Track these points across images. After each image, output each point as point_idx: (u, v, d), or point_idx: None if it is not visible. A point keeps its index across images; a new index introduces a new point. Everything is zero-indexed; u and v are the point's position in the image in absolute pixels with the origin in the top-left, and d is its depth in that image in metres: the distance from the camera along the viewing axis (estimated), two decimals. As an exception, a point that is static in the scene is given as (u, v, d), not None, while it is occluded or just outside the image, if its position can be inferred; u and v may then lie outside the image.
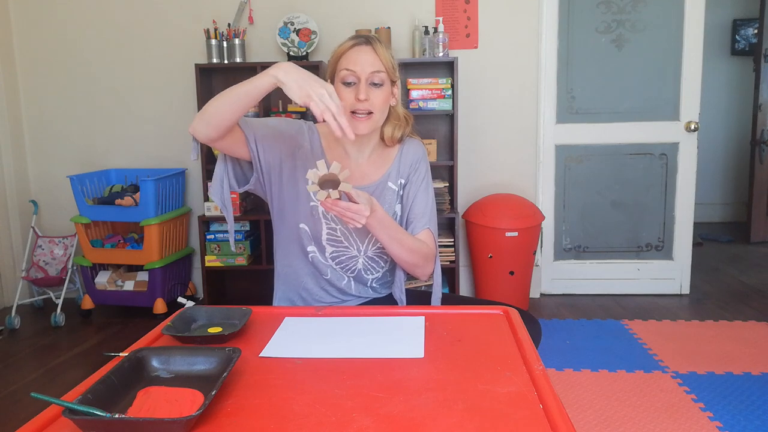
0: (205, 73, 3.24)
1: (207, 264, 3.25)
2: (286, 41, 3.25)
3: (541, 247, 3.50)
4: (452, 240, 3.18)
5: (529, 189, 3.44)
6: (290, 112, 3.18)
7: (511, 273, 3.16)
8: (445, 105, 3.13)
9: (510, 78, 3.36)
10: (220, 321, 1.27)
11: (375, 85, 1.43)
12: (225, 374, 0.93)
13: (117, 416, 0.83)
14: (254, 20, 3.37)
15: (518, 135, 3.41)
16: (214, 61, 3.23)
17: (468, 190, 3.44)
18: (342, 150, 1.53)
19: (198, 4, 3.38)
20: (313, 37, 3.24)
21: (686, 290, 3.50)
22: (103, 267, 3.38)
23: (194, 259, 3.62)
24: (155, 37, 3.43)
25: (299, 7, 3.32)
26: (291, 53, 3.25)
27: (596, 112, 3.40)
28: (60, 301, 3.24)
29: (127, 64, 3.47)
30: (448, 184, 3.23)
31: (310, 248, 1.53)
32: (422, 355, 1.10)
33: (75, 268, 3.42)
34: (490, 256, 3.16)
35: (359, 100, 1.40)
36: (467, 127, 3.39)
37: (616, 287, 3.52)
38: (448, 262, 3.18)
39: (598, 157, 3.44)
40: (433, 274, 1.57)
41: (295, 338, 1.21)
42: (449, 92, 3.13)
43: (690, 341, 2.77)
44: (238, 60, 3.23)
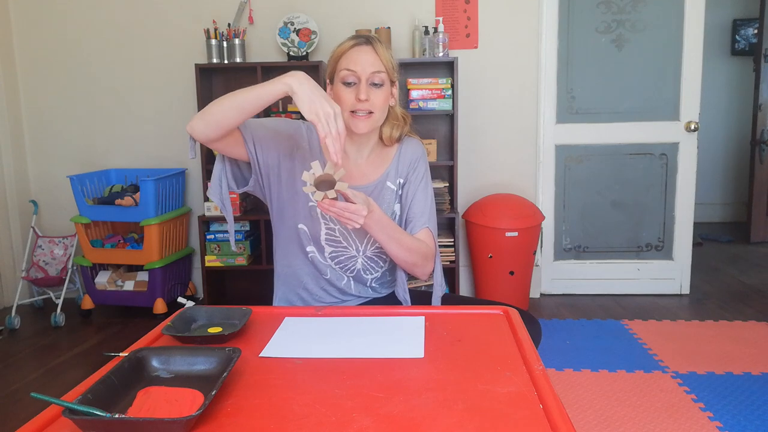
0: (205, 73, 3.24)
1: (207, 264, 3.25)
2: (286, 41, 3.25)
3: (541, 247, 3.50)
4: (452, 240, 3.18)
5: (529, 189, 3.44)
6: (290, 112, 3.18)
7: (511, 273, 3.16)
8: (445, 105, 3.13)
9: (510, 78, 3.37)
10: (220, 321, 1.27)
11: (375, 85, 1.43)
12: (225, 374, 0.93)
13: (117, 416, 0.83)
14: (254, 20, 3.37)
15: (518, 135, 3.41)
16: (214, 61, 3.23)
17: (468, 190, 3.45)
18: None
19: (198, 4, 3.38)
20: (313, 37, 3.24)
21: (686, 290, 3.50)
22: (103, 267, 3.38)
23: (194, 259, 3.62)
24: (155, 37, 3.43)
25: (299, 7, 3.32)
26: (291, 53, 3.25)
27: (596, 112, 3.40)
28: (60, 301, 3.24)
29: (127, 64, 3.47)
30: (448, 184, 3.23)
31: (309, 248, 1.53)
32: (422, 355, 1.10)
33: (75, 268, 3.42)
34: (490, 256, 3.16)
35: (360, 100, 1.40)
36: (467, 127, 3.39)
37: (616, 287, 3.52)
38: (448, 262, 3.18)
39: (598, 157, 3.44)
40: (433, 273, 1.57)
41: (295, 338, 1.21)
42: (449, 92, 3.13)
43: (690, 341, 2.77)
44: (238, 60, 3.23)
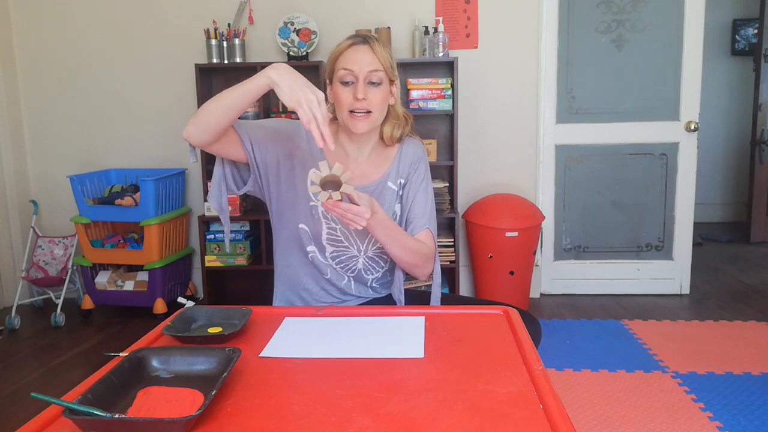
0: (205, 73, 3.24)
1: (207, 264, 3.25)
2: (286, 41, 3.25)
3: (541, 247, 3.50)
4: (452, 240, 3.18)
5: (529, 189, 3.44)
6: (290, 112, 3.18)
7: (511, 273, 3.16)
8: (445, 105, 3.13)
9: (510, 78, 3.36)
10: (220, 321, 1.27)
11: (373, 84, 1.43)
12: (225, 374, 0.93)
13: (117, 416, 0.83)
14: (254, 20, 3.37)
15: (518, 135, 3.41)
16: (214, 61, 3.23)
17: (468, 190, 3.44)
18: (341, 150, 1.53)
19: (198, 4, 3.38)
20: (313, 37, 3.24)
21: (686, 290, 3.49)
22: (103, 267, 3.38)
23: (194, 259, 3.62)
24: (155, 37, 3.43)
25: (299, 7, 3.32)
26: (291, 53, 3.25)
27: (596, 112, 3.40)
28: (60, 301, 3.24)
29: (127, 64, 3.47)
30: (448, 184, 3.23)
31: (309, 248, 1.53)
32: (422, 355, 1.10)
33: (75, 268, 3.42)
34: (490, 256, 3.16)
35: (357, 99, 1.40)
36: (467, 127, 3.39)
37: (616, 287, 3.52)
38: (448, 262, 3.18)
39: (598, 157, 3.44)
40: (432, 273, 1.57)
41: (295, 338, 1.21)
42: (449, 92, 3.13)
43: (690, 341, 2.77)
44: (238, 60, 3.23)
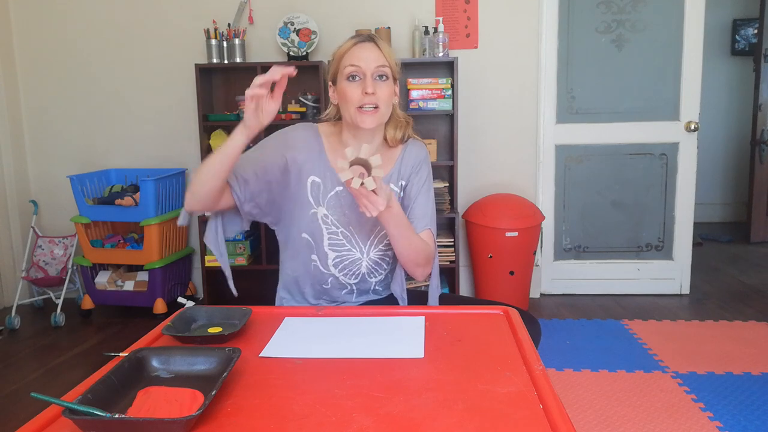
0: (205, 73, 3.24)
1: (207, 264, 3.25)
2: (286, 41, 3.24)
3: (541, 247, 3.50)
4: (452, 240, 3.18)
5: (529, 189, 3.44)
6: (290, 112, 3.18)
7: (511, 273, 3.16)
8: (445, 105, 3.13)
9: (510, 78, 3.36)
10: (220, 321, 1.27)
11: (380, 78, 1.43)
12: (225, 374, 0.93)
13: (117, 416, 0.83)
14: (254, 20, 3.36)
15: (518, 135, 3.41)
16: (214, 61, 3.22)
17: (468, 190, 3.44)
18: (343, 150, 1.52)
19: (198, 4, 3.38)
20: (313, 37, 3.23)
21: (686, 290, 3.49)
22: (103, 267, 3.38)
23: (194, 259, 3.62)
24: (155, 37, 3.43)
25: (299, 7, 3.32)
26: (291, 53, 3.25)
27: (596, 112, 3.40)
28: (60, 301, 3.24)
29: (127, 64, 3.47)
30: (448, 184, 3.23)
31: (312, 257, 1.54)
32: (422, 355, 1.10)
33: (75, 268, 3.42)
34: (490, 256, 3.16)
35: (367, 93, 1.40)
36: (467, 127, 3.39)
37: (616, 287, 3.52)
38: (448, 262, 3.18)
39: (598, 157, 3.44)
40: (430, 275, 1.57)
41: (295, 338, 1.21)
42: (449, 92, 3.13)
43: (690, 341, 2.77)
44: (238, 60, 3.23)
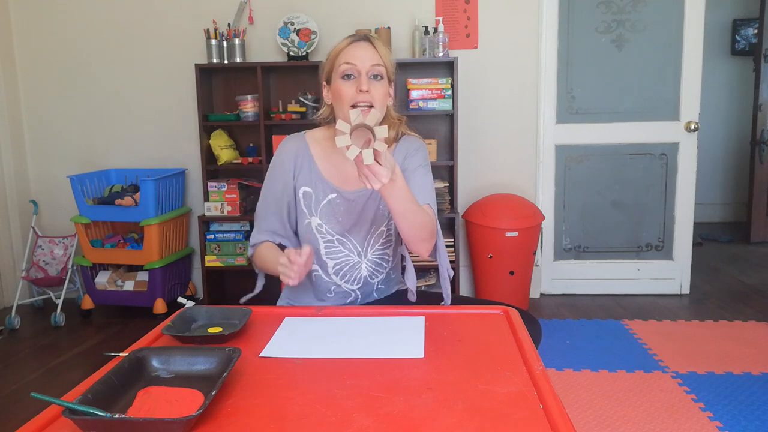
0: (205, 73, 3.24)
1: (207, 264, 3.25)
2: (286, 41, 3.24)
3: (541, 247, 3.50)
4: (452, 240, 3.18)
5: (529, 189, 3.44)
6: (290, 112, 3.18)
7: (511, 273, 3.16)
8: (445, 105, 3.13)
9: (510, 78, 3.36)
10: (220, 321, 1.27)
11: (375, 77, 1.43)
12: (225, 374, 0.93)
13: (117, 416, 0.83)
14: (254, 20, 3.36)
15: (518, 135, 3.41)
16: (214, 61, 3.22)
17: (468, 190, 3.44)
18: (338, 153, 1.51)
19: (198, 4, 3.38)
20: (313, 37, 3.23)
21: (686, 290, 3.49)
22: (103, 267, 3.38)
23: (194, 259, 3.61)
24: (155, 37, 3.43)
25: (299, 7, 3.32)
26: (291, 53, 3.25)
27: (596, 112, 3.40)
28: (60, 301, 3.24)
29: (127, 64, 3.47)
30: (448, 184, 3.23)
31: (313, 267, 1.53)
32: (422, 355, 1.10)
33: (75, 268, 3.42)
34: (490, 256, 3.16)
35: (361, 91, 1.40)
36: (467, 127, 3.39)
37: (616, 287, 3.52)
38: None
39: (598, 157, 3.44)
40: (435, 251, 1.50)
41: (295, 338, 1.21)
42: (449, 92, 3.13)
43: (690, 341, 2.77)
44: (238, 60, 3.23)
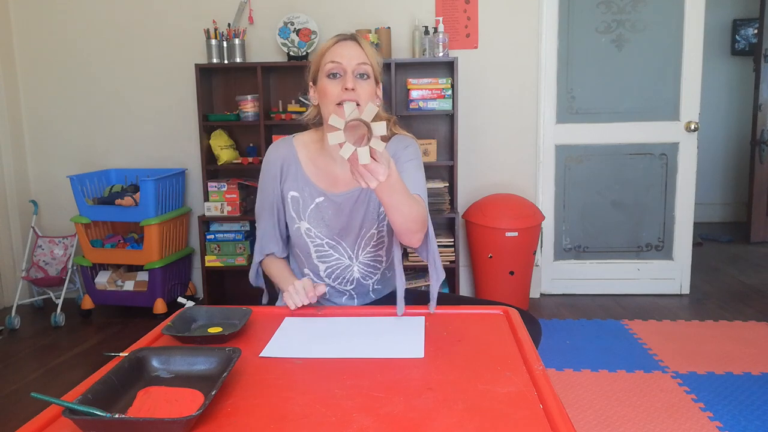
0: (205, 73, 3.24)
1: (207, 264, 3.25)
2: (286, 41, 3.24)
3: (541, 247, 3.50)
4: (452, 240, 3.18)
5: (529, 189, 3.44)
6: (290, 112, 3.18)
7: (511, 273, 3.16)
8: (445, 105, 3.13)
9: (510, 78, 3.36)
10: (220, 321, 1.27)
11: (361, 76, 1.41)
12: (225, 374, 0.93)
13: (117, 416, 0.83)
14: (254, 20, 3.36)
15: (518, 135, 3.41)
16: (214, 61, 3.22)
17: (468, 190, 3.44)
18: (327, 154, 1.49)
19: (198, 4, 3.38)
20: (313, 37, 3.23)
21: (686, 290, 3.49)
22: (103, 267, 3.38)
23: (194, 259, 3.61)
24: (155, 37, 3.43)
25: (299, 7, 3.32)
26: (291, 53, 3.25)
27: (596, 112, 3.40)
28: (60, 301, 3.23)
29: (127, 64, 3.47)
30: (448, 184, 3.23)
31: (305, 270, 1.55)
32: (422, 355, 1.10)
33: (75, 268, 3.42)
34: (490, 256, 3.16)
35: (346, 89, 1.37)
36: (467, 127, 3.39)
37: (616, 287, 3.52)
38: (448, 262, 3.18)
39: (598, 157, 3.44)
40: (426, 250, 1.44)
41: (295, 338, 1.21)
42: (449, 92, 3.13)
43: (690, 341, 2.77)
44: (238, 60, 3.23)
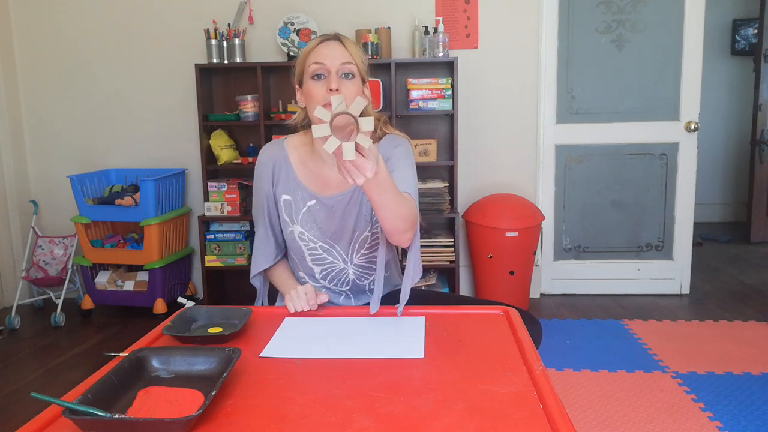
0: (205, 73, 3.24)
1: (207, 264, 3.25)
2: (286, 41, 3.24)
3: (541, 247, 3.50)
4: (452, 240, 3.18)
5: (529, 189, 3.44)
6: (290, 112, 3.18)
7: (511, 273, 3.16)
8: (445, 105, 3.13)
9: (510, 78, 3.36)
10: (220, 321, 1.27)
11: (346, 76, 1.39)
12: (225, 374, 0.93)
13: (117, 416, 0.83)
14: (254, 20, 3.36)
15: (518, 135, 3.41)
16: (214, 61, 3.22)
17: (468, 190, 3.44)
18: (317, 156, 1.48)
19: (198, 4, 3.37)
20: (313, 37, 3.24)
21: (686, 290, 3.49)
22: (103, 267, 3.38)
23: (194, 259, 3.61)
24: (155, 37, 3.43)
25: (299, 7, 3.32)
26: (291, 53, 3.25)
27: (596, 112, 3.40)
28: (60, 301, 3.23)
29: (127, 64, 3.47)
30: (448, 184, 3.23)
31: (300, 273, 1.55)
32: (422, 355, 1.10)
33: (75, 268, 3.42)
34: (490, 256, 3.16)
35: (331, 90, 1.35)
36: (467, 127, 3.39)
37: (616, 287, 3.52)
38: (448, 262, 3.18)
39: (598, 157, 3.44)
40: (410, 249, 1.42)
41: (295, 338, 1.21)
42: (449, 92, 3.12)
43: (690, 341, 2.77)
44: (238, 60, 3.23)
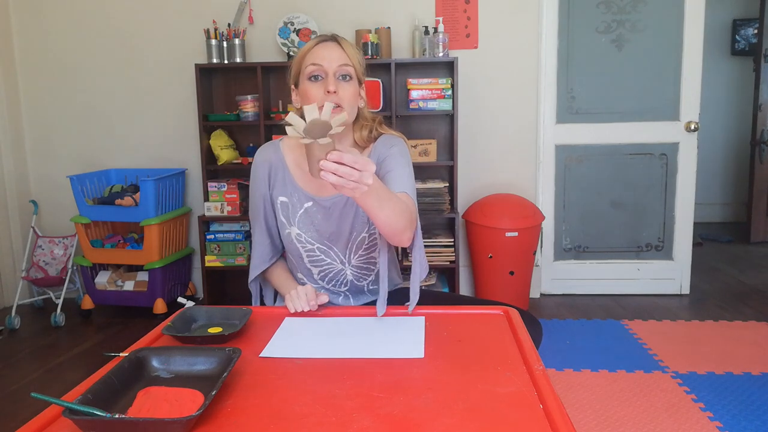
0: (205, 73, 3.24)
1: (207, 264, 3.25)
2: (286, 41, 3.24)
3: (541, 247, 3.50)
4: (452, 240, 3.18)
5: (529, 189, 3.44)
6: (290, 112, 3.18)
7: (511, 273, 3.16)
8: (445, 105, 3.13)
9: (510, 78, 3.36)
10: (220, 321, 1.27)
11: (343, 78, 1.39)
12: (225, 374, 0.93)
13: (117, 416, 0.83)
14: (254, 20, 3.36)
15: (518, 135, 3.41)
16: (214, 61, 3.22)
17: (468, 190, 3.44)
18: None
19: (198, 4, 3.37)
20: (313, 37, 3.23)
21: (686, 290, 3.49)
22: (103, 267, 3.38)
23: (194, 259, 3.61)
24: (155, 37, 3.43)
25: (299, 7, 3.32)
26: (291, 53, 3.25)
27: (596, 112, 3.40)
28: (60, 301, 3.23)
29: (127, 64, 3.47)
30: (448, 184, 3.23)
31: (299, 275, 1.55)
32: (422, 355, 1.10)
33: (75, 268, 3.42)
34: (490, 256, 3.16)
35: (329, 92, 1.36)
36: (467, 127, 3.39)
37: (616, 287, 3.52)
38: (448, 262, 3.18)
39: (598, 157, 3.44)
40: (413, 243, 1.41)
41: (295, 338, 1.21)
42: (449, 92, 3.12)
43: (690, 341, 2.77)
44: (238, 60, 3.23)
